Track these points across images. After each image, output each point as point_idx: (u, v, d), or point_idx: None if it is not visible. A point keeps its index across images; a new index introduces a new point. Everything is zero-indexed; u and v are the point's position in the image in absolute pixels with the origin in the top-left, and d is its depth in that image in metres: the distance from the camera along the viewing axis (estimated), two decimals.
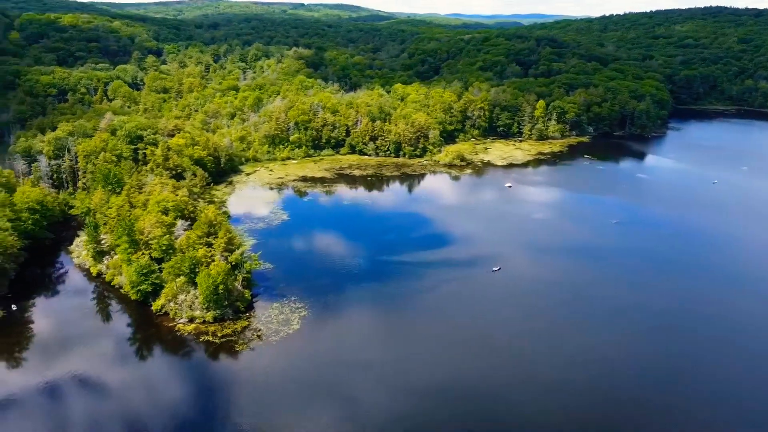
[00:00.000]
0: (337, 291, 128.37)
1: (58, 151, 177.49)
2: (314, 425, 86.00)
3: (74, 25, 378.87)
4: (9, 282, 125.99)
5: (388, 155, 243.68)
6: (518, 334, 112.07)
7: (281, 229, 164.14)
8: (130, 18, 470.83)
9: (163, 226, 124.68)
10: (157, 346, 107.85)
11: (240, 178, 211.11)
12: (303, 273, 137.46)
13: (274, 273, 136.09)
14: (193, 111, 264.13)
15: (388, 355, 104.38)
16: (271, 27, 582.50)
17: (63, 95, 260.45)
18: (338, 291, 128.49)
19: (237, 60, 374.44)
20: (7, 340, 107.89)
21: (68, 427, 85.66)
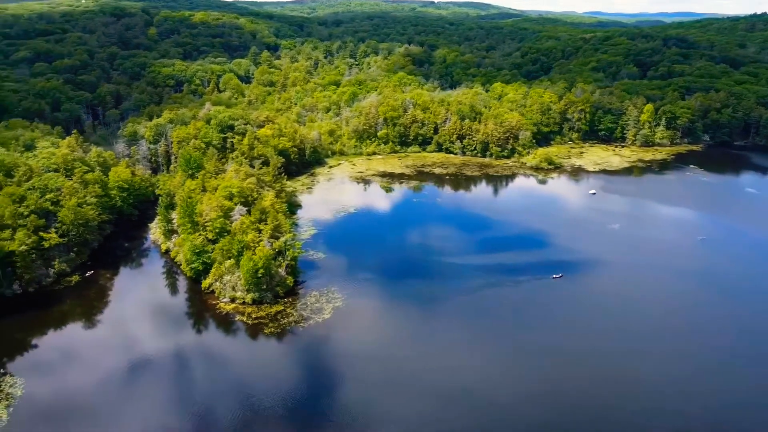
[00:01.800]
0: (379, 286, 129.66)
1: (157, 137, 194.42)
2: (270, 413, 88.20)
3: (204, 21, 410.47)
4: (91, 251, 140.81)
5: (475, 155, 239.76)
6: (558, 344, 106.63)
7: (345, 221, 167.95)
8: (256, 15, 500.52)
9: (220, 209, 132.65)
10: (197, 320, 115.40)
11: (322, 170, 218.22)
12: (352, 265, 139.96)
13: (324, 262, 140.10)
14: (293, 104, 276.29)
15: (409, 354, 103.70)
16: (391, 24, 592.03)
17: (180, 86, 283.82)
18: (380, 286, 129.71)
19: (347, 56, 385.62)
20: (77, 301, 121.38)
21: (105, 371, 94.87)
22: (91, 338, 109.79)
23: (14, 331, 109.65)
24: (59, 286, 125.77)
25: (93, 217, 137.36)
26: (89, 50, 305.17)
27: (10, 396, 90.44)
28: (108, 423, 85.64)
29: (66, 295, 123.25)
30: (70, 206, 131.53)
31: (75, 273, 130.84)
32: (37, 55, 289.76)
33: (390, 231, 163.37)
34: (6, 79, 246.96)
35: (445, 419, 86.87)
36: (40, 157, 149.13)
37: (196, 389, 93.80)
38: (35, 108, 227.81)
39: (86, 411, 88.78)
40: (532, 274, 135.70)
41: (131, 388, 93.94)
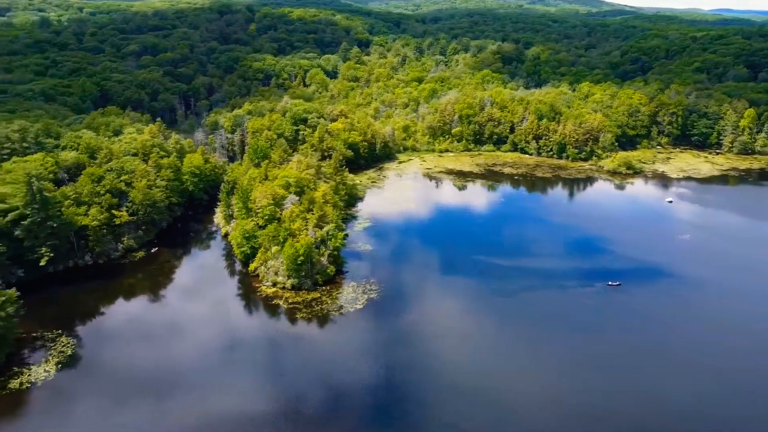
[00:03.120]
0: (421, 282, 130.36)
1: (235, 127, 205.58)
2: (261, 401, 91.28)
3: (301, 18, 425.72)
4: (159, 230, 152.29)
5: (550, 156, 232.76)
6: (600, 353, 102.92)
7: (400, 216, 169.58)
8: (354, 12, 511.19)
9: (272, 197, 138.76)
10: (238, 300, 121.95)
11: (391, 165, 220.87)
12: (397, 260, 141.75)
13: (370, 255, 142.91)
14: (373, 99, 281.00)
15: (432, 353, 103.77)
16: (489, 21, 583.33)
17: (268, 80, 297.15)
18: (422, 282, 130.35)
19: (436, 53, 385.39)
20: (139, 274, 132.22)
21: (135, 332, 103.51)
22: (144, 308, 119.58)
23: (79, 297, 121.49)
24: (125, 260, 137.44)
25: (161, 199, 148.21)
26: (191, 45, 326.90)
27: (62, 354, 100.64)
28: (144, 385, 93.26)
29: (130, 269, 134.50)
30: (140, 187, 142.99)
31: (141, 249, 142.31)
32: (145, 48, 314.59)
33: (444, 228, 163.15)
34: (114, 71, 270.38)
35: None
36: (122, 142, 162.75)
37: (216, 357, 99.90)
38: (135, 97, 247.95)
39: (126, 373, 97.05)
40: (587, 279, 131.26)
41: (168, 354, 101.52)
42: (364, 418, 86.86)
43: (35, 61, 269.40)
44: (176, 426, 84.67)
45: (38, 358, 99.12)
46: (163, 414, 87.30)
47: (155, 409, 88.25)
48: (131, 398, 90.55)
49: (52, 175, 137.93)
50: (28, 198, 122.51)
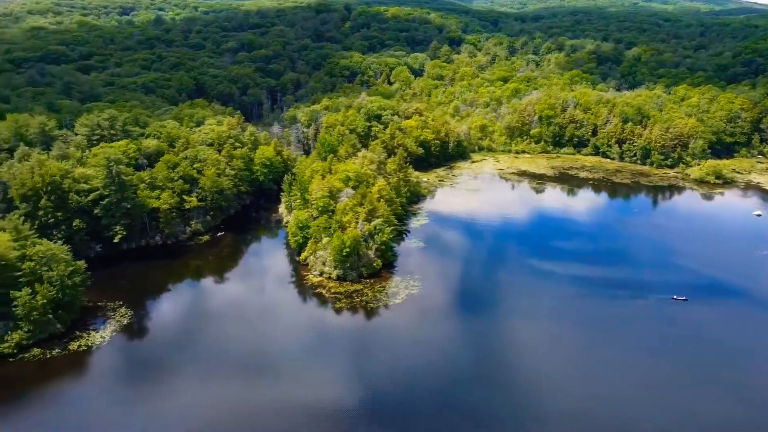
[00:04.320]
0: (466, 282, 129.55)
1: (310, 121, 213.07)
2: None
3: (396, 16, 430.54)
4: (227, 217, 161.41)
5: (634, 161, 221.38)
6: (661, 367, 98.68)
7: (460, 215, 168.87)
8: (451, 11, 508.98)
9: (328, 190, 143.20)
10: (285, 287, 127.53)
11: (463, 164, 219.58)
12: (445, 258, 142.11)
13: (420, 251, 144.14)
14: (455, 98, 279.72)
15: (460, 356, 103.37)
16: (594, 20, 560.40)
17: (354, 77, 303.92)
18: (467, 282, 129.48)
19: (529, 52, 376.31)
20: (202, 256, 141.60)
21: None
22: (200, 287, 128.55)
23: (146, 273, 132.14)
24: (192, 243, 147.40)
25: (228, 187, 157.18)
26: (285, 42, 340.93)
27: (119, 324, 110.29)
28: (182, 355, 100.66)
29: (195, 251, 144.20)
30: (209, 175, 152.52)
31: (208, 233, 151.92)
32: (242, 45, 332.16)
33: (501, 230, 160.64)
34: (210, 66, 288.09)
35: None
36: (201, 132, 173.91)
37: (248, 336, 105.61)
38: (227, 91, 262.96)
39: (169, 344, 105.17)
40: (649, 291, 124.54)
41: (209, 329, 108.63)
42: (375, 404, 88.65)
43: (143, 56, 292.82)
44: (209, 394, 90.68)
45: (98, 325, 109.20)
46: (189, 381, 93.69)
47: (183, 377, 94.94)
48: (166, 365, 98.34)
49: (134, 161, 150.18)
50: (107, 180, 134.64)
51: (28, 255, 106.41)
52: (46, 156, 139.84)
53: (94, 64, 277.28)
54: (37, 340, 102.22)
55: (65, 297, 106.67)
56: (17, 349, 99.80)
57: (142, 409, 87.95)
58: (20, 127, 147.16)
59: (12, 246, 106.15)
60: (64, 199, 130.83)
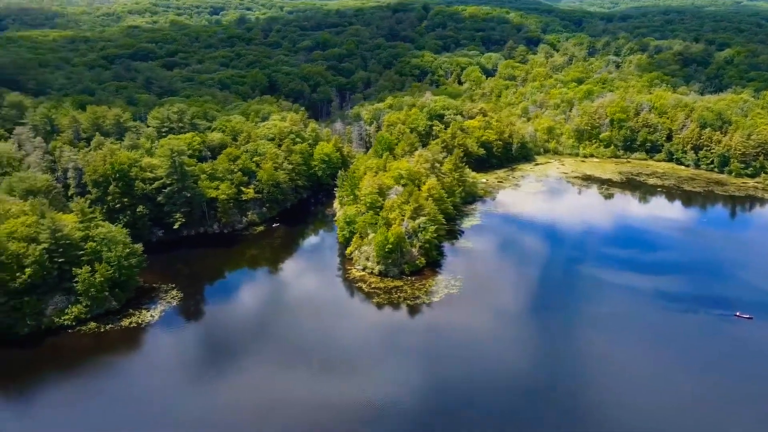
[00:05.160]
0: (508, 285, 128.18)
1: (373, 119, 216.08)
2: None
3: (473, 15, 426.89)
4: (283, 209, 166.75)
5: (710, 169, 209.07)
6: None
7: (514, 217, 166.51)
8: (533, 10, 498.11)
9: (377, 186, 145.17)
10: (328, 279, 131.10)
11: (526, 166, 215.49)
12: (492, 259, 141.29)
13: (467, 252, 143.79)
14: (525, 99, 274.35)
15: (488, 360, 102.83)
16: (687, 20, 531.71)
17: (424, 76, 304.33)
18: (509, 286, 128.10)
19: (610, 53, 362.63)
20: (255, 245, 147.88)
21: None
22: (249, 274, 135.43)
23: (201, 259, 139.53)
24: (247, 232, 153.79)
25: (284, 180, 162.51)
26: (359, 41, 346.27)
27: (168, 304, 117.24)
28: (221, 336, 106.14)
29: (249, 240, 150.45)
30: (266, 169, 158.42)
31: (263, 224, 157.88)
32: (317, 44, 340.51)
33: (556, 235, 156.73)
34: (285, 64, 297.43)
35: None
36: (264, 127, 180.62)
37: (279, 323, 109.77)
38: (298, 89, 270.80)
39: (210, 325, 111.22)
40: (711, 306, 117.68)
41: (250, 315, 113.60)
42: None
43: (223, 54, 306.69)
44: (225, 372, 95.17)
45: (149, 305, 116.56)
46: (220, 364, 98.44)
47: (219, 356, 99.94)
48: (206, 344, 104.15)
49: (197, 152, 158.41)
50: (170, 170, 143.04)
51: (91, 236, 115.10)
52: (119, 146, 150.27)
53: (177, 61, 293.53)
54: (94, 314, 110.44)
55: (121, 276, 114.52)
56: (76, 321, 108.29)
57: (177, 383, 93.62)
58: (98, 118, 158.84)
59: (77, 227, 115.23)
60: (131, 186, 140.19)
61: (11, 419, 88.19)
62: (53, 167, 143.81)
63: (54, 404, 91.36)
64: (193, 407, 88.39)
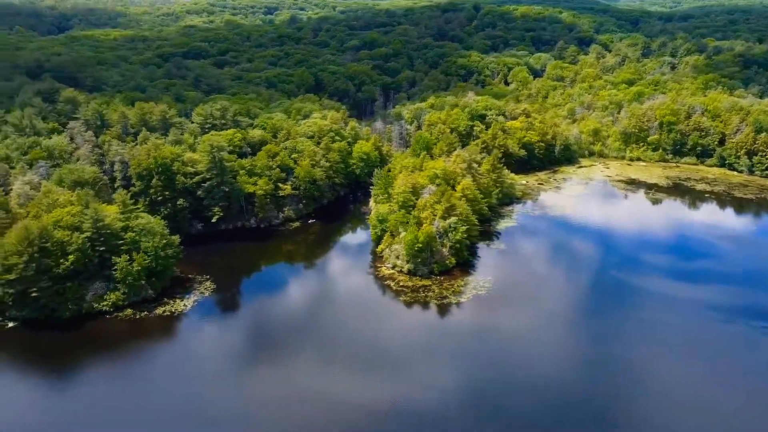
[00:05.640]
0: (539, 289, 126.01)
1: (414, 119, 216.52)
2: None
3: (525, 15, 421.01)
4: (320, 206, 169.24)
5: (766, 176, 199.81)
6: None
7: (550, 220, 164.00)
8: (587, 10, 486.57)
9: (411, 185, 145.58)
10: (356, 276, 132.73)
11: (568, 169, 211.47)
12: (524, 262, 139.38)
13: (499, 253, 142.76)
14: (572, 100, 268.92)
15: (504, 364, 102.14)
16: (753, 20, 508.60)
17: (470, 76, 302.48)
18: (540, 290, 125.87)
19: (666, 54, 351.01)
20: (290, 240, 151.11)
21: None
22: (280, 268, 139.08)
23: (237, 252, 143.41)
24: (283, 228, 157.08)
25: (321, 178, 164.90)
26: (406, 41, 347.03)
27: (201, 295, 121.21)
28: (241, 327, 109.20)
29: (285, 235, 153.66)
30: (304, 166, 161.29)
31: (299, 220, 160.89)
32: (364, 43, 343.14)
33: (593, 239, 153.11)
34: (331, 63, 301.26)
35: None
36: (304, 125, 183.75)
37: (304, 317, 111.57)
38: (343, 87, 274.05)
39: (236, 315, 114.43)
40: (756, 318, 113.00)
41: (274, 308, 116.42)
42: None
43: (272, 53, 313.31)
44: (250, 363, 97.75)
45: (183, 295, 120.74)
46: (246, 354, 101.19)
47: (243, 348, 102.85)
48: (229, 334, 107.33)
49: (238, 149, 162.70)
50: (210, 165, 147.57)
51: (131, 226, 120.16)
52: (163, 140, 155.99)
53: (228, 60, 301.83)
54: (131, 301, 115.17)
55: (158, 266, 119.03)
56: (113, 307, 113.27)
57: (203, 371, 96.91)
58: (145, 114, 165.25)
59: (118, 218, 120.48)
60: (172, 179, 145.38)
61: (52, 395, 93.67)
62: (102, 160, 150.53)
63: (90, 383, 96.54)
64: (215, 394, 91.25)
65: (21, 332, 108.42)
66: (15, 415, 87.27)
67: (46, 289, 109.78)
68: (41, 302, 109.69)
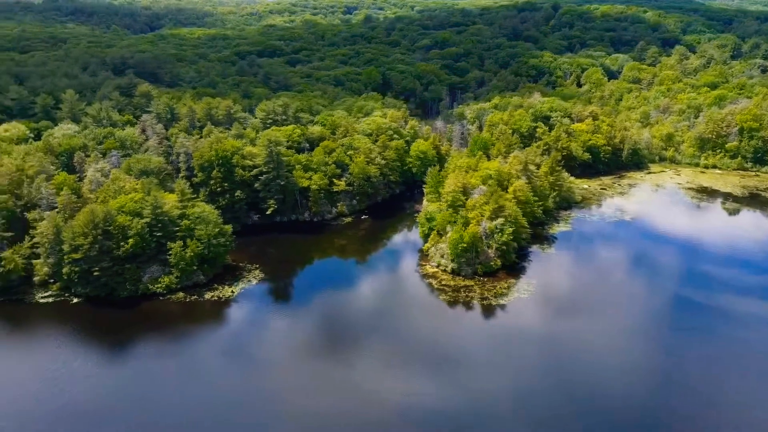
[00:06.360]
0: (581, 296, 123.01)
1: (476, 119, 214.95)
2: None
3: (606, 14, 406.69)
4: (373, 203, 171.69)
5: None
6: None
7: (607, 226, 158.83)
8: (675, 8, 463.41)
9: (461, 185, 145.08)
10: (398, 273, 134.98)
11: (636, 174, 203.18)
12: (573, 267, 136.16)
13: (547, 257, 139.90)
14: (648, 103, 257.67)
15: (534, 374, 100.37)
16: None
17: (540, 77, 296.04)
18: (582, 296, 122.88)
19: (758, 56, 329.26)
20: (342, 235, 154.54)
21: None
22: (328, 262, 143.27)
23: (288, 244, 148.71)
24: (336, 222, 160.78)
25: (375, 175, 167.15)
26: (478, 40, 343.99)
27: (249, 283, 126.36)
28: (278, 318, 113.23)
29: (336, 230, 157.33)
30: (358, 162, 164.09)
31: (351, 216, 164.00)
32: (436, 43, 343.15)
33: (652, 248, 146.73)
34: (400, 62, 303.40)
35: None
36: (363, 123, 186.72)
37: (341, 309, 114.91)
38: (410, 87, 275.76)
39: (283, 307, 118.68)
40: None
41: (319, 303, 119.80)
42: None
43: (343, 52, 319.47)
44: (284, 350, 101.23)
45: (232, 282, 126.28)
46: (280, 341, 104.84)
47: (278, 336, 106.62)
48: (267, 323, 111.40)
49: (296, 144, 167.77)
50: (267, 159, 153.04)
51: (187, 214, 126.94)
52: (226, 134, 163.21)
53: (301, 58, 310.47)
54: (183, 285, 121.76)
55: (210, 253, 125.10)
56: (166, 290, 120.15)
57: (238, 354, 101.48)
58: (211, 108, 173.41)
59: (176, 206, 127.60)
60: (232, 172, 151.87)
61: (108, 366, 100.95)
62: (169, 151, 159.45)
63: (141, 358, 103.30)
64: (250, 377, 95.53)
65: (84, 307, 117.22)
66: (74, 383, 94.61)
67: (107, 269, 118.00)
68: (102, 281, 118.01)
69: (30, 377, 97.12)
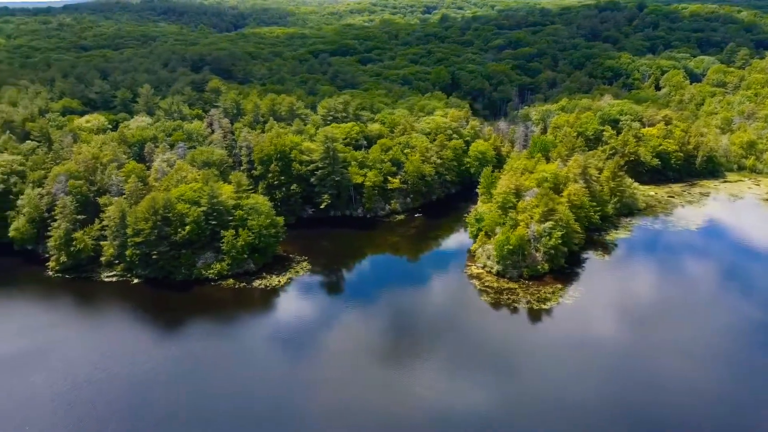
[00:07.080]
0: (630, 306, 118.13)
1: (541, 121, 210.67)
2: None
3: (694, 14, 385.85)
4: (428, 201, 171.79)
5: None
6: None
7: (670, 236, 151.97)
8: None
9: (513, 186, 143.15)
10: (442, 272, 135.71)
11: (710, 183, 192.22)
12: (626, 276, 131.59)
13: (600, 264, 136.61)
14: (731, 108, 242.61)
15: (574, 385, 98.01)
16: None
17: (616, 78, 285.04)
18: (631, 307, 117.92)
19: None
20: (392, 232, 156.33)
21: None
22: (376, 258, 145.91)
23: (339, 238, 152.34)
24: (388, 219, 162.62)
25: (430, 174, 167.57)
26: (554, 40, 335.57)
27: (296, 274, 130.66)
28: (329, 311, 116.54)
29: (388, 227, 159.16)
30: (413, 161, 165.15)
31: (404, 213, 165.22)
32: (509, 43, 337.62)
33: (716, 262, 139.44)
34: (471, 62, 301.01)
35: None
36: (423, 122, 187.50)
37: (381, 304, 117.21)
38: (479, 87, 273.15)
39: (326, 300, 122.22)
40: None
41: (364, 299, 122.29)
42: None
43: (414, 51, 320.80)
44: (322, 342, 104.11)
45: (280, 272, 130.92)
46: (326, 337, 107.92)
47: (317, 328, 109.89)
48: (308, 316, 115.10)
49: (354, 141, 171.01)
50: (324, 154, 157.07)
51: (241, 205, 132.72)
52: (287, 130, 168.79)
53: (372, 57, 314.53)
54: (234, 273, 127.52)
55: (260, 243, 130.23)
56: (218, 276, 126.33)
57: (275, 342, 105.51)
58: (275, 104, 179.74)
59: (232, 196, 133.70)
60: (289, 166, 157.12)
61: (162, 343, 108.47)
62: (233, 145, 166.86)
63: (192, 338, 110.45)
64: (286, 364, 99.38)
65: (143, 288, 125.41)
66: (129, 355, 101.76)
67: (165, 253, 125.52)
68: (160, 264, 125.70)
69: (91, 348, 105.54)
